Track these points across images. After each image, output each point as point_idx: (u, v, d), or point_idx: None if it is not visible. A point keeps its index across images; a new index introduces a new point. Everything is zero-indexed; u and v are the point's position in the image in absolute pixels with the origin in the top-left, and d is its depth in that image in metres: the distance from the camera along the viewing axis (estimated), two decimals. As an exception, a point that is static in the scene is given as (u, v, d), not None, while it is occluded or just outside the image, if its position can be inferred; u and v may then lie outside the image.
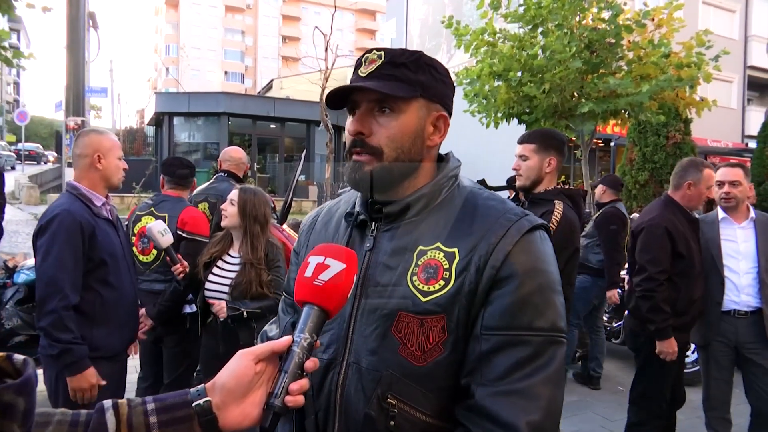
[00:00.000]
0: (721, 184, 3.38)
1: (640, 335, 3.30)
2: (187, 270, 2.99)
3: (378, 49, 1.10)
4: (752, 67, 25.34)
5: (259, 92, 41.76)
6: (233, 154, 4.12)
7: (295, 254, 1.33)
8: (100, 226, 2.42)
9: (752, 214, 3.39)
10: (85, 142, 2.50)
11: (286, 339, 0.92)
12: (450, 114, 1.17)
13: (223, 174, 4.04)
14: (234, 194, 3.01)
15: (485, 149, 15.74)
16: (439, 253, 1.05)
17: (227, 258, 3.01)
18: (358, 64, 1.12)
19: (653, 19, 8.33)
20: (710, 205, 4.48)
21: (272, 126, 25.29)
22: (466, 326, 1.02)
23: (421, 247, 1.07)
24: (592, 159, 17.31)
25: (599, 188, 5.55)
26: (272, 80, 38.66)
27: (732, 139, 24.08)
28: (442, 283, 1.03)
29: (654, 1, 10.94)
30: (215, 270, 2.98)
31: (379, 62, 1.08)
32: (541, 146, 2.78)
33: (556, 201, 2.64)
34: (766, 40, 25.62)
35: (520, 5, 8.58)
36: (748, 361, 3.34)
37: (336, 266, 0.96)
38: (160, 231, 2.87)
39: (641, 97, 7.53)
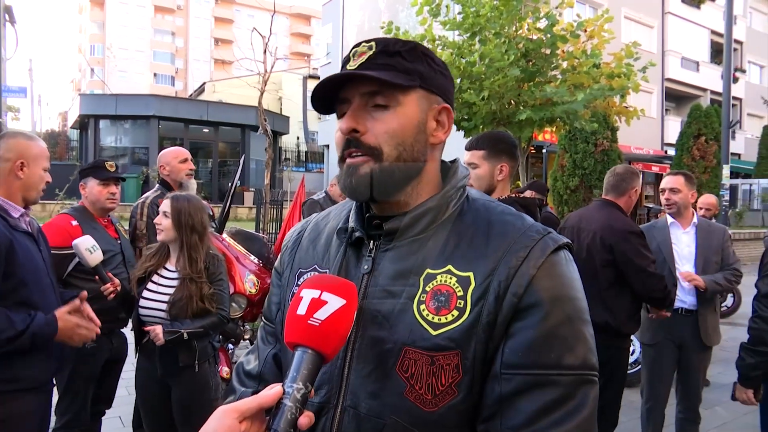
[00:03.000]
0: (663, 190, 3.60)
1: (610, 347, 3.16)
2: (119, 289, 2.70)
3: (368, 41, 0.96)
4: (669, 80, 26.96)
5: (191, 95, 40.54)
6: (159, 160, 3.77)
7: (276, 275, 1.14)
8: (18, 240, 2.11)
9: (695, 220, 3.61)
10: (10, 145, 2.19)
11: (276, 391, 0.77)
12: (453, 108, 1.03)
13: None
14: (165, 205, 2.74)
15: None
16: (450, 278, 0.90)
17: (163, 272, 2.76)
18: (346, 60, 0.97)
19: (585, 30, 8.64)
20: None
21: (205, 130, 24.62)
22: (484, 364, 0.87)
23: (429, 270, 0.92)
24: (525, 165, 17.83)
25: (529, 194, 5.66)
26: (204, 83, 37.64)
27: (653, 146, 25.46)
28: (455, 313, 0.88)
29: (585, 14, 11.38)
30: (150, 286, 2.72)
31: (370, 53, 0.94)
32: (491, 152, 2.52)
33: None
34: (681, 55, 27.31)
35: (459, 13, 8.68)
36: (685, 359, 3.52)
37: (334, 302, 0.82)
38: (88, 248, 2.56)
39: (576, 106, 7.77)
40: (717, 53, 28.21)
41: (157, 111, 22.84)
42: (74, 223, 2.92)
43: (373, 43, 0.95)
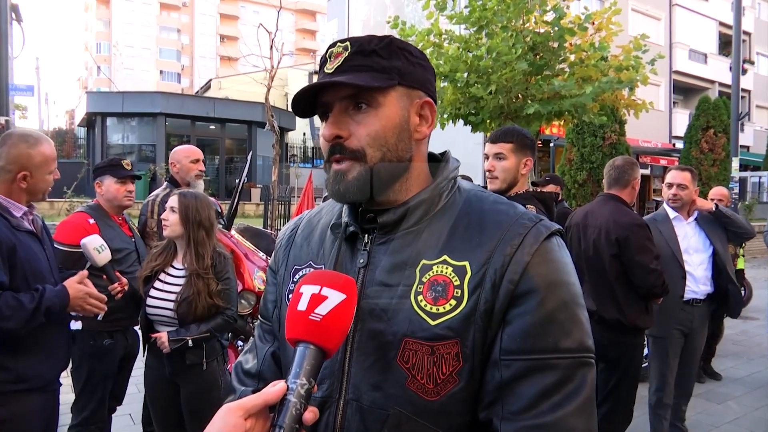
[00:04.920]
0: (670, 185, 3.62)
1: (620, 344, 3.21)
2: (126, 288, 2.69)
3: (342, 41, 0.95)
4: (677, 72, 26.72)
5: (197, 92, 40.61)
6: (171, 157, 3.81)
7: (271, 272, 1.14)
8: (20, 240, 2.09)
9: (695, 212, 3.71)
10: (11, 155, 2.12)
11: (280, 387, 0.77)
12: (435, 100, 1.02)
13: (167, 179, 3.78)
14: (173, 200, 2.74)
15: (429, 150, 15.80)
16: (446, 268, 0.91)
17: (171, 271, 2.75)
18: (323, 62, 0.97)
19: (593, 23, 8.56)
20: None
21: (212, 127, 24.63)
22: (483, 351, 0.88)
23: (424, 262, 0.92)
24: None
25: (551, 187, 5.63)
26: (210, 80, 37.67)
27: (661, 139, 25.27)
28: (453, 302, 0.88)
29: (592, 7, 11.28)
30: (157, 284, 2.72)
31: (345, 54, 0.93)
32: (518, 145, 2.57)
33: (528, 206, 2.45)
34: (689, 47, 27.06)
35: (466, 7, 8.62)
36: (689, 346, 3.64)
37: (334, 297, 0.82)
38: (96, 247, 2.54)
39: (585, 99, 7.70)
40: (725, 45, 27.96)
41: (164, 108, 22.86)
42: (91, 221, 2.94)
43: (348, 43, 0.94)
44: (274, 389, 0.77)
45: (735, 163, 13.60)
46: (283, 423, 0.74)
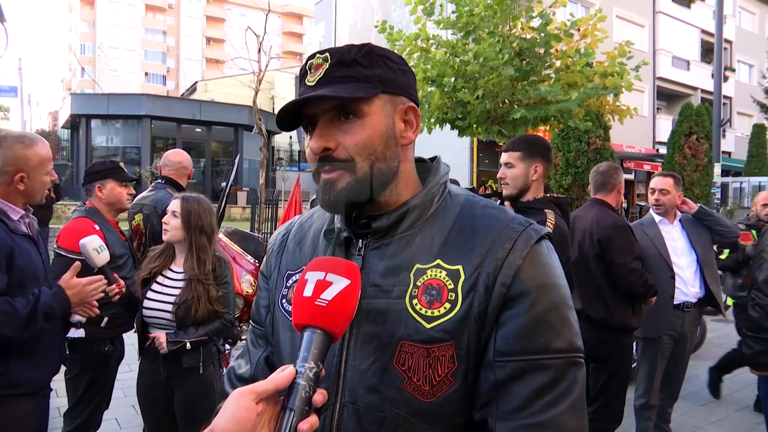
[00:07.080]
0: (653, 191, 3.74)
1: (608, 343, 3.28)
2: (124, 290, 2.66)
3: (321, 52, 0.96)
4: (660, 78, 27.08)
5: (183, 94, 40.35)
6: (172, 158, 3.81)
7: (263, 278, 1.14)
8: (18, 243, 2.07)
9: (678, 215, 3.82)
10: (8, 157, 2.10)
11: (289, 371, 0.79)
12: (417, 104, 1.04)
13: (161, 181, 3.72)
14: (176, 204, 2.72)
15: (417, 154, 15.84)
16: (440, 272, 0.93)
17: (169, 273, 2.73)
18: (304, 74, 0.97)
19: (579, 29, 8.66)
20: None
21: (198, 130, 24.49)
22: (477, 353, 0.90)
23: (418, 266, 0.94)
24: (519, 164, 17.81)
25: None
26: (196, 82, 37.46)
27: (644, 145, 25.56)
28: (447, 306, 0.90)
29: (577, 13, 11.40)
30: (155, 287, 2.69)
31: (326, 65, 0.94)
32: (526, 153, 2.71)
33: (547, 210, 2.57)
34: (672, 54, 27.44)
35: (453, 12, 8.68)
36: (679, 351, 3.69)
37: (339, 283, 0.84)
38: (96, 248, 2.51)
39: (570, 104, 7.78)
40: (707, 52, 28.37)
41: (149, 110, 22.70)
42: (96, 227, 2.91)
43: (327, 55, 0.95)
44: (283, 374, 0.78)
45: (717, 169, 13.80)
46: (293, 405, 0.76)
